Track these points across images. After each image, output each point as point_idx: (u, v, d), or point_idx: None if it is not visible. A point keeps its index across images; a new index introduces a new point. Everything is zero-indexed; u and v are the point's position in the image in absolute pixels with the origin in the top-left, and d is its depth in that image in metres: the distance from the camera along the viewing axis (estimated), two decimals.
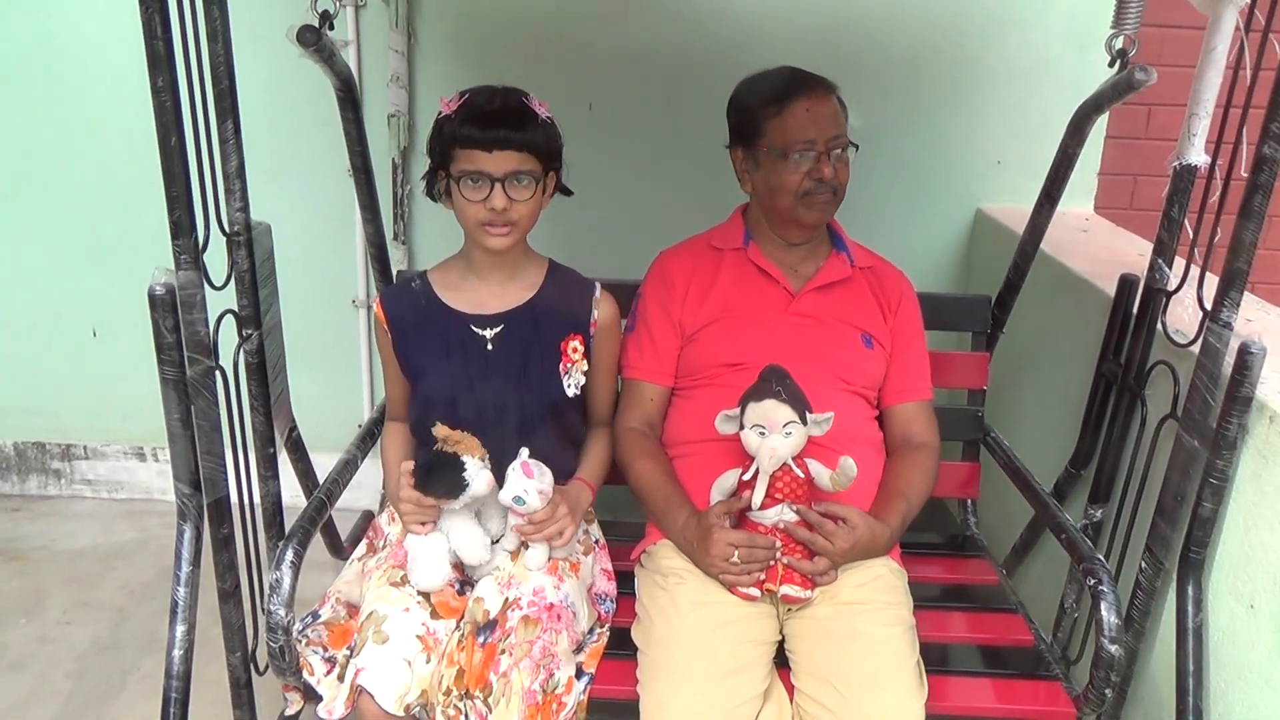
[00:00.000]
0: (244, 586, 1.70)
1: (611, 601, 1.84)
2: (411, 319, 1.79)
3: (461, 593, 1.68)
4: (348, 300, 2.95)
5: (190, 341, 1.49)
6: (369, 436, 2.05)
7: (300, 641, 1.62)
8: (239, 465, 1.69)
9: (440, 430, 1.63)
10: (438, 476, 1.59)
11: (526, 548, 1.69)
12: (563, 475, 1.78)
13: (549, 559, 1.69)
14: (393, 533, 1.81)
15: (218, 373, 1.55)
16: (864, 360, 1.87)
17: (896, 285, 1.95)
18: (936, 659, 1.72)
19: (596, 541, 1.90)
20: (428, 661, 1.56)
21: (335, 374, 3.01)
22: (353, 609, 1.71)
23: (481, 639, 1.58)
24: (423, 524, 1.65)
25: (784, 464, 1.62)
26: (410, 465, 1.64)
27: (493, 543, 1.72)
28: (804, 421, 1.61)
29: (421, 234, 2.87)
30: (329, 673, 1.60)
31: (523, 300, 1.79)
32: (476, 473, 1.60)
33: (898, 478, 1.80)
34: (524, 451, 1.64)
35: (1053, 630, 1.94)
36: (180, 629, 1.58)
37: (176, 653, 1.57)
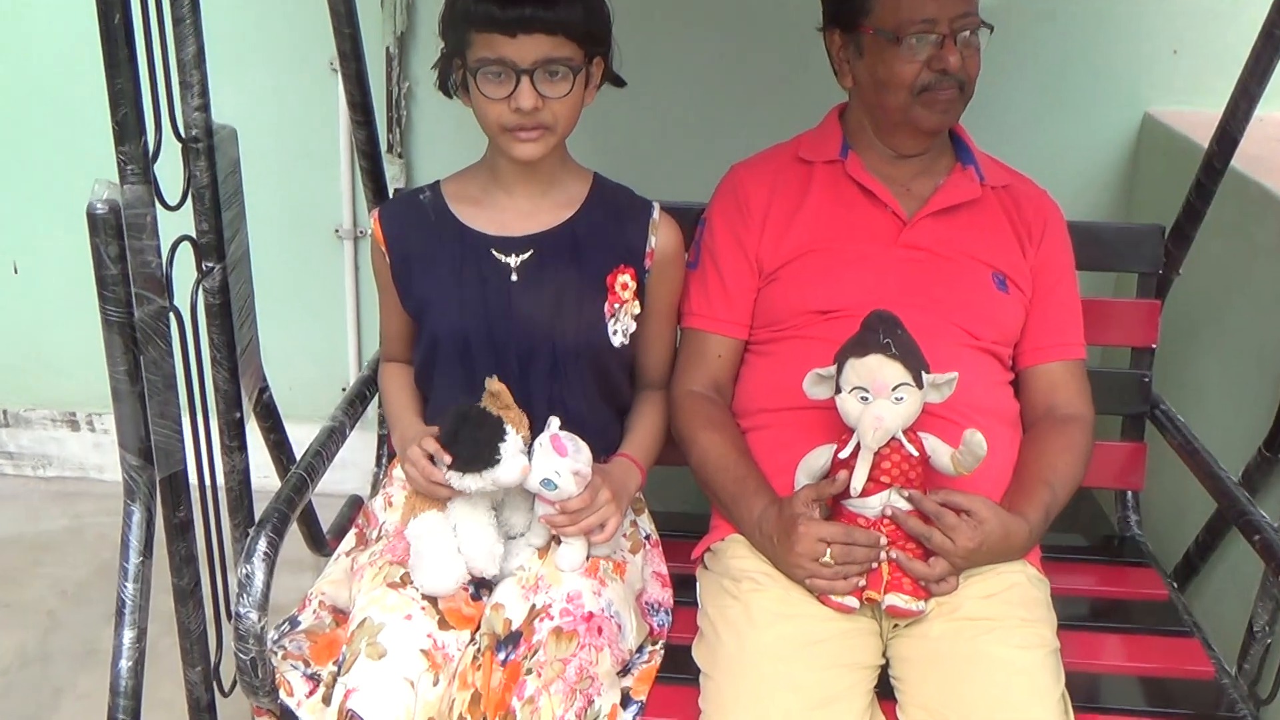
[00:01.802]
0: (205, 585, 1.72)
1: (666, 613, 1.85)
2: (417, 239, 1.81)
3: (477, 597, 1.70)
4: (330, 229, 2.97)
5: (139, 274, 1.51)
6: (358, 400, 2.07)
7: (276, 654, 1.65)
8: (199, 433, 1.71)
9: (495, 383, 1.64)
10: (467, 435, 1.60)
11: (558, 544, 1.70)
12: (604, 450, 1.78)
13: (587, 558, 1.70)
14: (390, 520, 1.83)
15: (172, 315, 1.57)
16: (996, 307, 1.85)
17: (1040, 211, 1.93)
18: (1085, 692, 1.71)
19: (647, 537, 1.91)
20: (435, 683, 1.58)
21: (315, 322, 3.05)
22: (340, 615, 1.74)
23: (502, 656, 1.59)
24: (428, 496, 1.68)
25: (892, 438, 1.61)
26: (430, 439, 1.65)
27: (514, 537, 1.74)
28: (919, 384, 1.60)
29: (422, 144, 2.88)
30: (311, 693, 1.63)
31: (559, 221, 1.79)
32: (513, 454, 1.61)
33: (1039, 460, 1.79)
34: (554, 422, 1.65)
35: (1238, 660, 1.92)
36: (128, 635, 1.60)
37: (124, 664, 1.60)
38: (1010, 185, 1.94)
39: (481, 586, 1.72)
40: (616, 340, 1.79)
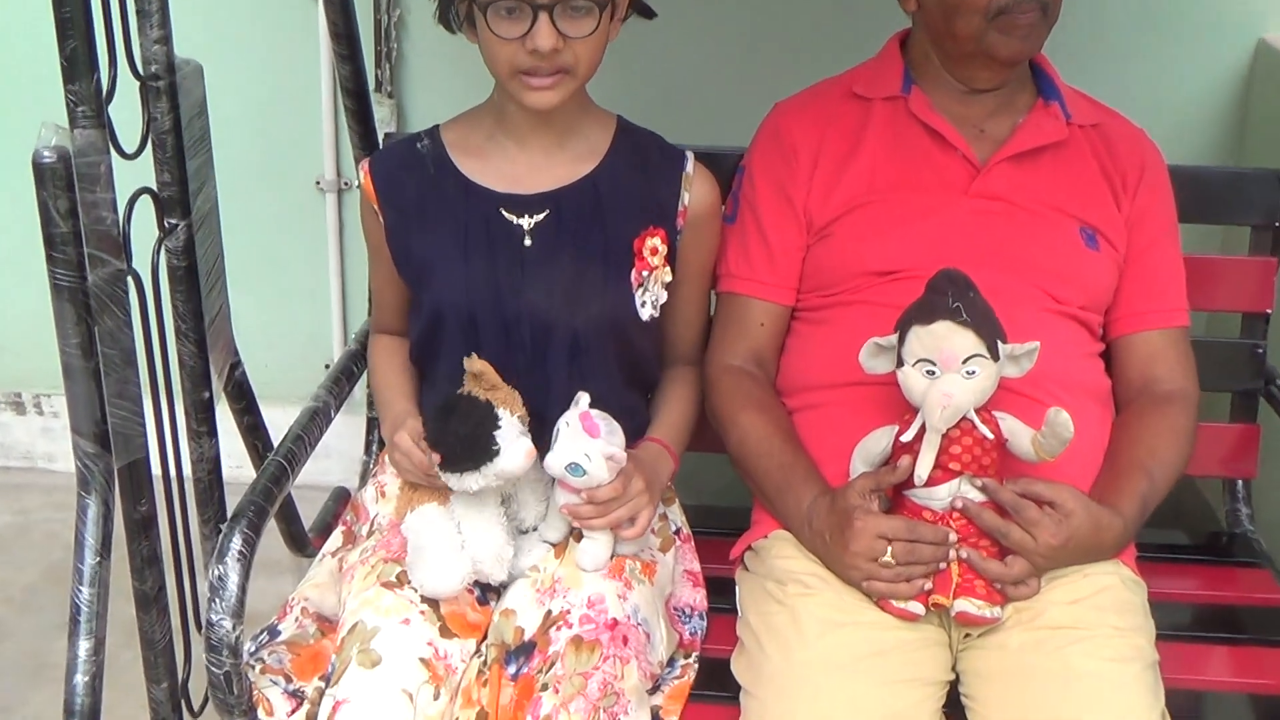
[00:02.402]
0: (171, 589, 1.73)
1: (700, 619, 1.86)
2: (414, 194, 1.80)
3: (484, 601, 1.71)
4: (310, 180, 2.98)
5: (92, 233, 1.51)
6: (344, 378, 2.08)
7: (253, 668, 1.66)
8: (162, 415, 1.72)
9: (476, 363, 1.65)
10: (455, 432, 1.61)
11: (578, 539, 1.71)
12: (631, 438, 1.78)
13: (612, 556, 1.71)
14: (383, 513, 1.84)
15: (131, 280, 1.58)
16: (1084, 266, 1.85)
17: (1136, 153, 1.92)
18: (1188, 712, 1.70)
19: (678, 532, 1.92)
20: (436, 697, 1.58)
21: (295, 288, 3.06)
22: (326, 624, 1.75)
23: (513, 669, 1.60)
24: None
25: (963, 419, 1.60)
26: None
27: (525, 531, 1.75)
28: (994, 355, 1.59)
29: (416, 82, 2.88)
30: (294, 711, 1.64)
31: (579, 175, 1.79)
32: (514, 437, 1.61)
33: (1135, 443, 1.78)
34: (583, 398, 1.65)
35: None
36: (85, 646, 1.62)
37: (80, 679, 1.62)
38: (1101, 124, 1.92)
39: (489, 590, 1.73)
40: (645, 313, 1.79)
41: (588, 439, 1.61)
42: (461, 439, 1.61)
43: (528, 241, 1.77)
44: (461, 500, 1.68)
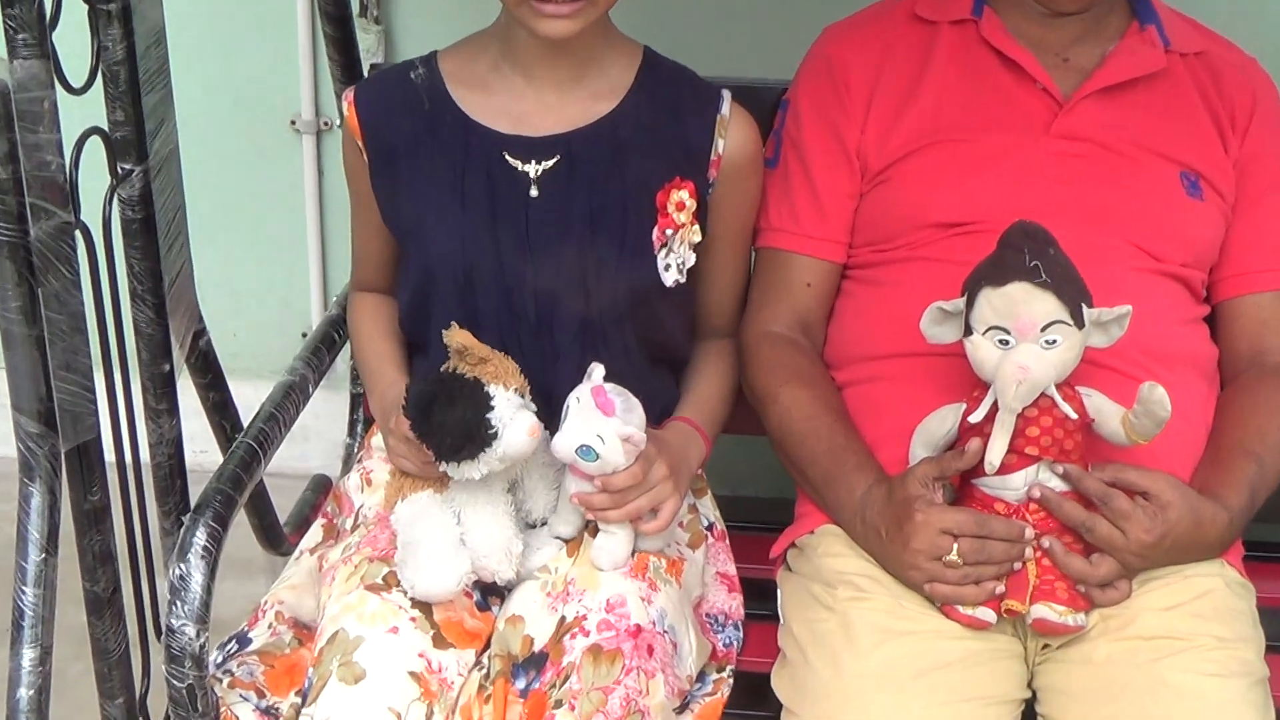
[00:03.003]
0: (128, 591, 1.75)
1: (736, 627, 1.86)
2: (405, 131, 1.80)
3: (485, 606, 1.71)
4: (284, 120, 2.98)
5: (35, 179, 1.51)
6: (324, 348, 2.09)
7: (220, 681, 1.67)
8: (115, 390, 1.73)
9: (456, 335, 1.65)
10: (441, 421, 1.60)
11: (595, 534, 1.71)
12: (654, 415, 1.78)
13: (633, 554, 1.71)
14: (369, 504, 1.85)
15: (79, 234, 1.58)
16: (1186, 218, 1.84)
17: (1247, 86, 1.91)
18: None
19: (710, 527, 1.92)
20: (429, 716, 1.59)
21: (267, 244, 3.06)
22: (303, 631, 1.76)
23: (522, 683, 1.61)
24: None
25: (1042, 395, 1.60)
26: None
27: (534, 525, 1.76)
28: (1078, 321, 1.59)
29: (407, 6, 2.87)
30: None
31: (595, 116, 1.78)
32: (512, 414, 1.61)
33: (1243, 424, 1.78)
34: (597, 370, 1.65)
35: None
36: (29, 656, 1.62)
37: (24, 694, 1.62)
38: (1206, 52, 1.92)
39: (491, 593, 1.73)
40: (670, 279, 1.79)
41: (601, 417, 1.61)
42: (450, 428, 1.59)
43: (534, 191, 1.77)
44: (462, 486, 1.68)
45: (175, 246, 1.87)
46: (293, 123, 2.98)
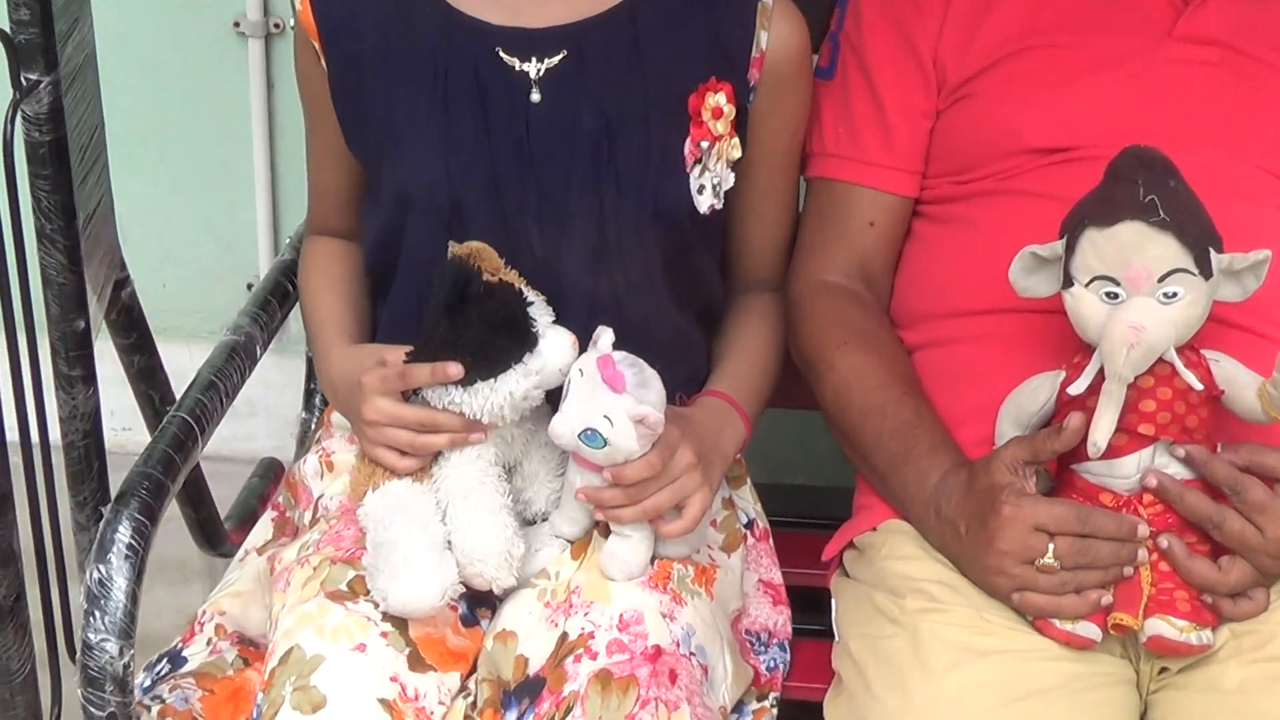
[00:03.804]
0: (34, 599, 1.75)
1: (782, 647, 1.87)
2: (374, 29, 1.80)
3: (472, 620, 1.72)
4: (226, 21, 2.99)
5: None
6: (273, 301, 2.09)
7: (149, 708, 1.68)
8: (19, 354, 1.73)
9: (469, 244, 1.64)
10: (476, 319, 1.60)
11: (605, 536, 1.71)
12: (683, 385, 1.79)
13: (653, 561, 1.71)
14: (331, 494, 1.85)
15: None
16: None
17: None
18: None
19: (750, 525, 1.93)
20: None
21: (204, 175, 3.07)
22: (250, 649, 1.77)
23: (513, 714, 1.61)
24: (403, 455, 1.69)
25: (1159, 360, 1.59)
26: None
27: (532, 521, 1.76)
28: (1204, 270, 1.58)
29: None
30: None
31: (608, 4, 1.78)
32: (548, 324, 1.62)
33: None
34: (605, 335, 1.64)
35: None
36: None
37: None
38: None
39: (480, 604, 1.73)
40: (704, 203, 1.79)
41: (609, 394, 1.59)
42: (491, 326, 1.60)
43: (535, 96, 1.77)
44: (448, 470, 1.69)
45: (92, 176, 1.87)
46: (236, 25, 2.99)
